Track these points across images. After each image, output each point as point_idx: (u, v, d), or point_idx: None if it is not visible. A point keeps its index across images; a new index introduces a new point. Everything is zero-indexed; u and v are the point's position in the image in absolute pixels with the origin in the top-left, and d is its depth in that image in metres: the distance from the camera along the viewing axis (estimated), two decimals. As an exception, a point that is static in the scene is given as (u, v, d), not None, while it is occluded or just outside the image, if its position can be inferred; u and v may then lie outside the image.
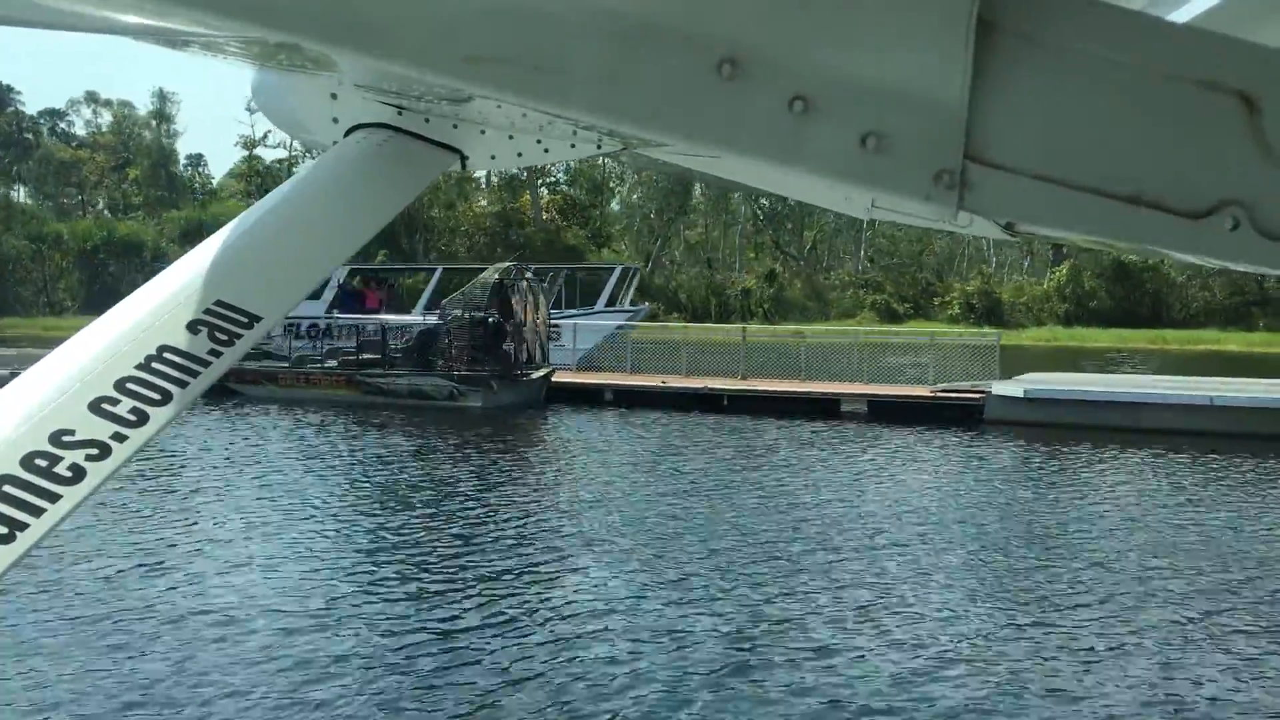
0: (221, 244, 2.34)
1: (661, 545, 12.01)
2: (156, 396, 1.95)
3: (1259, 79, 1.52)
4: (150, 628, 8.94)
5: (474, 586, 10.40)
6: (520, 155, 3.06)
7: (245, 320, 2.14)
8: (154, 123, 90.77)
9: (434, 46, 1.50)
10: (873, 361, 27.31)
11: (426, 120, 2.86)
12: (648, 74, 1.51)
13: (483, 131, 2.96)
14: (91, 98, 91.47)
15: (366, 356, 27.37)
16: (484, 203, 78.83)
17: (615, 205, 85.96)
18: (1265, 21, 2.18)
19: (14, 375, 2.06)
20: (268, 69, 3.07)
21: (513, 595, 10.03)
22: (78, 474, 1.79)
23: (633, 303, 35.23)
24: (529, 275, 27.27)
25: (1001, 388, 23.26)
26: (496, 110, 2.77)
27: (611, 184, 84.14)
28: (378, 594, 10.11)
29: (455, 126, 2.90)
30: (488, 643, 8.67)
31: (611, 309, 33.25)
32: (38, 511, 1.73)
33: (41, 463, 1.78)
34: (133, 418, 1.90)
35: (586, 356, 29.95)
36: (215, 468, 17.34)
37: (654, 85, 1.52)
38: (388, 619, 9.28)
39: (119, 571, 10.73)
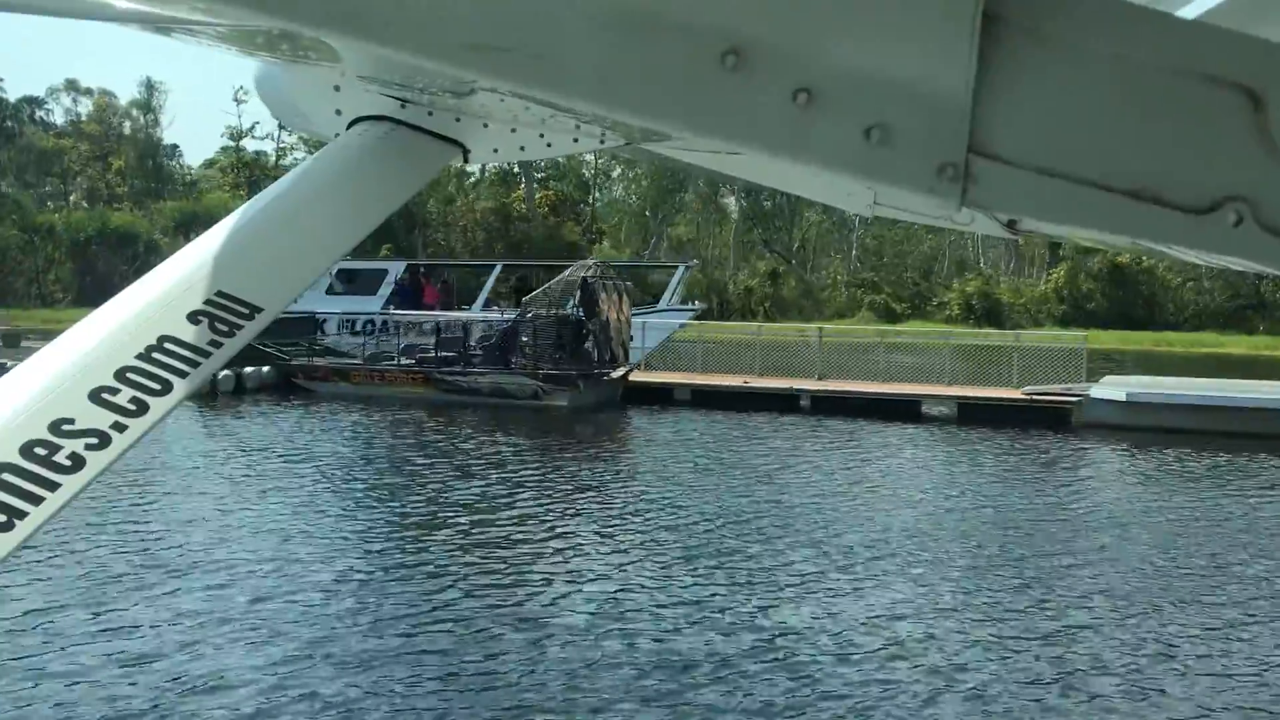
0: (223, 235, 2.35)
1: (828, 555, 11.71)
2: (157, 386, 1.95)
3: (1265, 74, 1.52)
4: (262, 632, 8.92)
5: (605, 601, 9.93)
6: (523, 149, 3.06)
7: (246, 311, 2.14)
8: (134, 111, 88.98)
9: (436, 34, 1.49)
10: (958, 362, 26.90)
11: (429, 113, 2.86)
12: (651, 64, 1.51)
13: (485, 125, 2.96)
14: (72, 86, 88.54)
15: (445, 354, 26.90)
16: (481, 199, 78.62)
17: (618, 194, 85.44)
18: (1272, 16, 2.19)
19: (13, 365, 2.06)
20: (270, 60, 3.07)
21: (668, 618, 9.48)
22: (77, 463, 1.80)
23: (683, 301, 34.84)
24: (613, 274, 26.97)
25: (1102, 390, 22.72)
26: (499, 103, 2.77)
27: (599, 180, 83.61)
28: (492, 602, 9.86)
29: (458, 119, 2.90)
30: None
31: (673, 308, 32.69)
32: (37, 500, 1.73)
33: (41, 451, 1.78)
34: (133, 407, 1.90)
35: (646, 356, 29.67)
36: (297, 465, 17.03)
37: (657, 75, 1.52)
38: (505, 629, 9.06)
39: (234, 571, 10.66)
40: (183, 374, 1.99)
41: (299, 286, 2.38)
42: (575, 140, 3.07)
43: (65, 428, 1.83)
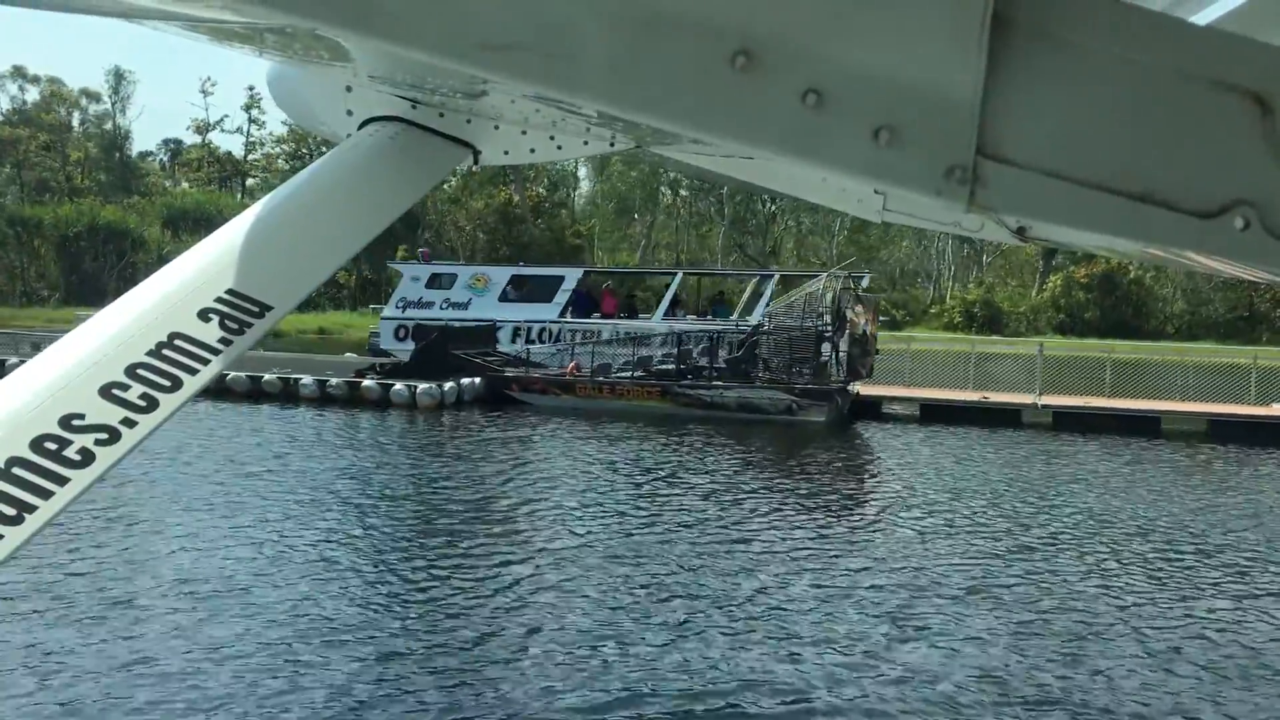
0: (233, 234, 2.35)
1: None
2: (167, 383, 1.96)
3: (1273, 80, 1.53)
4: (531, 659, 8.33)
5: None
6: (533, 151, 3.07)
7: (256, 310, 2.15)
8: (84, 100, 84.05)
9: (450, 33, 1.50)
10: (1194, 379, 25.83)
11: (440, 114, 2.87)
12: (662, 64, 1.52)
13: (496, 127, 2.97)
14: (19, 72, 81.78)
15: (675, 366, 25.47)
16: (473, 199, 77.68)
17: (587, 195, 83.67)
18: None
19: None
20: (283, 61, 3.08)
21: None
22: (87, 458, 1.80)
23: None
24: (861, 285, 25.57)
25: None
26: (510, 105, 2.78)
27: (569, 182, 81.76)
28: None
29: (469, 121, 2.91)
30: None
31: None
32: (46, 494, 1.74)
33: (51, 446, 1.79)
34: (142, 403, 1.91)
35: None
36: (545, 484, 15.70)
37: (668, 75, 1.52)
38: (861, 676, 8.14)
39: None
40: (193, 371, 2.00)
41: (309, 286, 2.39)
42: (585, 143, 3.08)
43: (75, 423, 1.83)
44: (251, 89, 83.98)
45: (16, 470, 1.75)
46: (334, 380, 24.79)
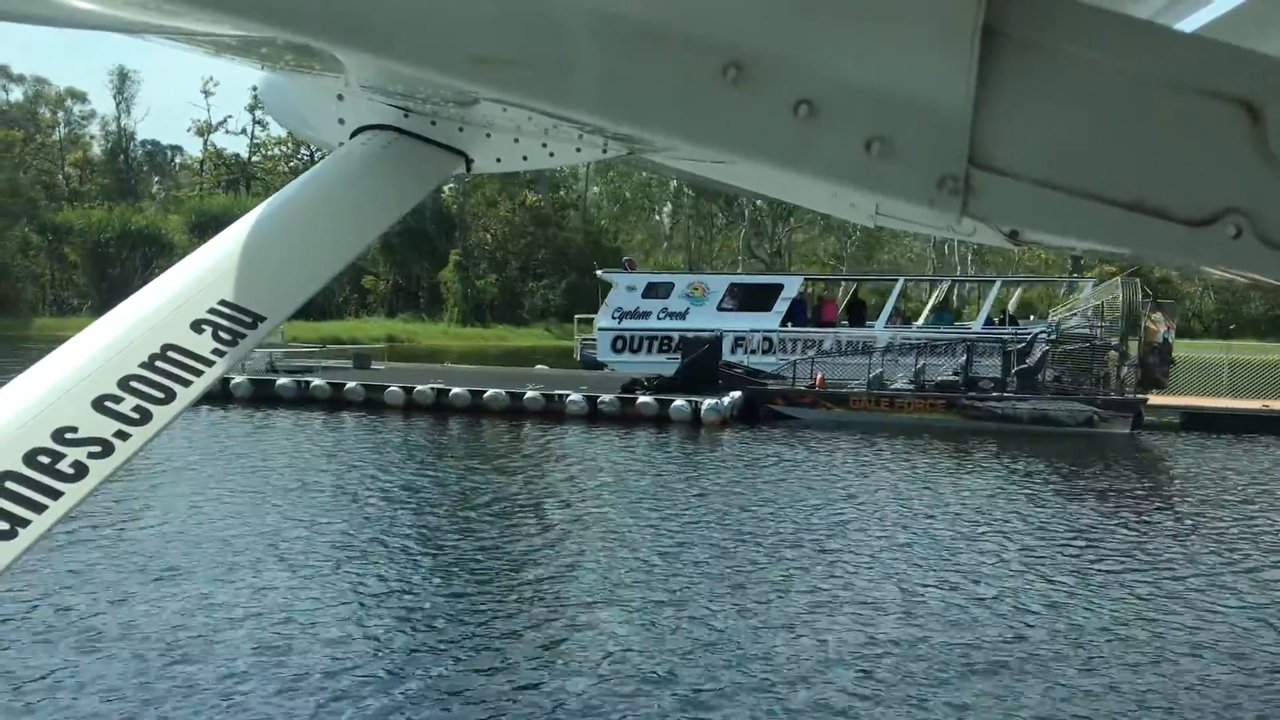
0: (226, 244, 2.36)
1: None
2: (160, 395, 1.96)
3: (1263, 88, 1.53)
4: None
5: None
6: (525, 159, 3.07)
7: (249, 320, 2.15)
8: (70, 101, 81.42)
9: (441, 47, 1.51)
10: None
11: (432, 123, 2.87)
12: (653, 77, 1.52)
13: (488, 135, 2.97)
14: (2, 71, 79.09)
15: (962, 377, 24.57)
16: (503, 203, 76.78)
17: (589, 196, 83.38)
18: (1270, 31, 2.20)
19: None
20: (275, 70, 3.09)
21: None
22: (80, 471, 1.80)
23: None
24: (1152, 293, 24.76)
25: None
26: (502, 113, 2.78)
27: (568, 182, 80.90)
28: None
29: (461, 129, 2.91)
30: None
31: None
32: (40, 508, 1.74)
33: (44, 459, 1.79)
34: (136, 416, 1.91)
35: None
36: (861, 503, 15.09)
37: (659, 88, 1.53)
38: None
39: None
40: (186, 383, 2.00)
41: (303, 296, 2.39)
42: (578, 150, 3.08)
43: (68, 436, 1.83)
44: (255, 89, 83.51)
45: (9, 484, 1.75)
46: (606, 397, 24.17)
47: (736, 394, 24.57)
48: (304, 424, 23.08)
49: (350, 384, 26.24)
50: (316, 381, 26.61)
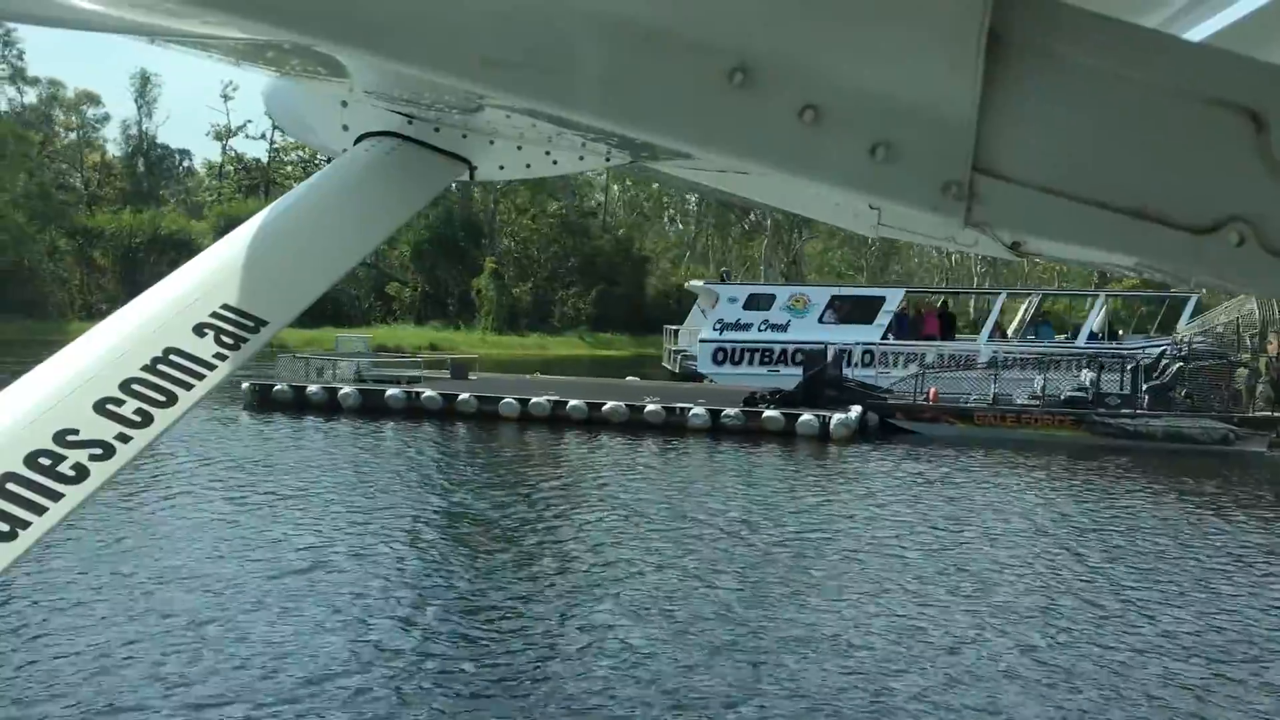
0: (229, 248, 2.36)
1: None
2: (161, 398, 1.96)
3: (1267, 97, 1.52)
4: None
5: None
6: (529, 166, 3.08)
7: (251, 324, 2.16)
8: (84, 105, 79.72)
9: (447, 49, 1.51)
10: None
11: (436, 129, 2.88)
12: (659, 80, 1.52)
13: (491, 142, 2.98)
14: (19, 74, 77.15)
15: (1091, 393, 24.05)
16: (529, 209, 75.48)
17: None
18: (1275, 40, 2.20)
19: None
20: (279, 76, 3.09)
21: None
22: (81, 473, 1.81)
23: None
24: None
25: None
26: (506, 120, 2.78)
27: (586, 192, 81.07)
28: None
29: (464, 136, 2.91)
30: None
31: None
32: (40, 510, 1.74)
33: (45, 461, 1.80)
34: (137, 419, 1.91)
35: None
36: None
37: (665, 92, 1.53)
38: None
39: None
40: (188, 386, 2.00)
41: (305, 300, 2.39)
42: (581, 158, 3.08)
43: (70, 438, 1.84)
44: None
45: (11, 486, 1.76)
46: (730, 411, 24.11)
47: (857, 408, 24.30)
48: (420, 437, 22.86)
49: (463, 395, 26.29)
50: (428, 393, 26.52)
